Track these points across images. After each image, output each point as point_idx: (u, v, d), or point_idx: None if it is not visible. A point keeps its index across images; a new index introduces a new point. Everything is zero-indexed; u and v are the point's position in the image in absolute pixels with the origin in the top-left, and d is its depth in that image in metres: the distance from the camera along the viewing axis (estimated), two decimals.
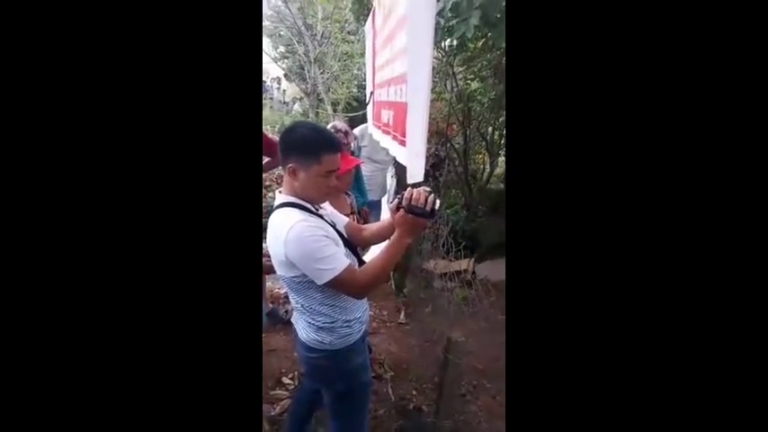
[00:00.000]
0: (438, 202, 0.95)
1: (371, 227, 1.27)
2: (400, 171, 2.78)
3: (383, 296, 2.60)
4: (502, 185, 3.89)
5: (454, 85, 3.54)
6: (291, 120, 6.17)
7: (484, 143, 3.86)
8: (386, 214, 3.05)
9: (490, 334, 2.15)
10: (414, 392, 1.91)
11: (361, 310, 1.11)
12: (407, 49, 1.11)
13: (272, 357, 2.05)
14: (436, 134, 3.97)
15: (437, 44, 3.29)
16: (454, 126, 3.90)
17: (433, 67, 3.64)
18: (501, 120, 3.72)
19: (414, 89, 1.04)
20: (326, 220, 1.04)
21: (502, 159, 3.99)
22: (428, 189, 0.95)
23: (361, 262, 1.08)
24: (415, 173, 1.10)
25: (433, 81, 3.76)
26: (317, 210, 1.06)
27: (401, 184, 2.75)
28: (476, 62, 3.40)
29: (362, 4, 3.82)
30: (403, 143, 1.27)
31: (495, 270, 3.00)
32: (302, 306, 1.04)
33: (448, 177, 3.53)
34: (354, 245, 1.13)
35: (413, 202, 0.93)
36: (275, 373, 1.96)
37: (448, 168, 3.50)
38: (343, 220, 1.19)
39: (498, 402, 1.86)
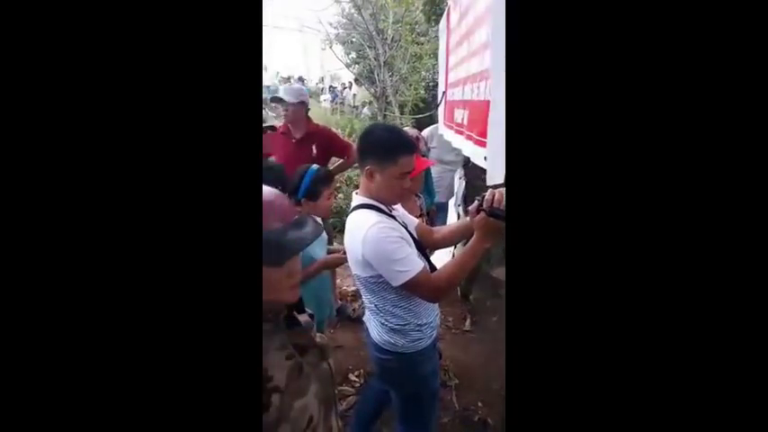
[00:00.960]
0: None
1: (442, 230, 1.26)
2: (469, 173, 2.70)
3: (449, 302, 2.55)
4: None
5: None
6: (361, 123, 6.33)
7: None
8: (452, 216, 2.98)
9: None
10: (479, 404, 1.83)
11: (432, 315, 1.09)
12: (490, 44, 1.07)
13: (339, 354, 2.11)
14: None
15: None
16: None
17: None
18: None
19: (497, 85, 1.00)
20: (399, 222, 1.05)
21: None
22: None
23: (431, 265, 1.07)
24: (495, 174, 1.05)
25: None
26: (391, 211, 1.07)
27: (472, 185, 2.67)
28: None
29: (434, 5, 3.80)
30: (480, 143, 1.23)
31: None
32: (376, 306, 1.05)
33: None
34: (424, 247, 1.12)
35: (495, 204, 0.90)
36: (342, 370, 2.01)
37: None
38: (413, 222, 1.19)
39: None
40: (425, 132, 2.71)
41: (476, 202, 0.96)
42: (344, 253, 1.08)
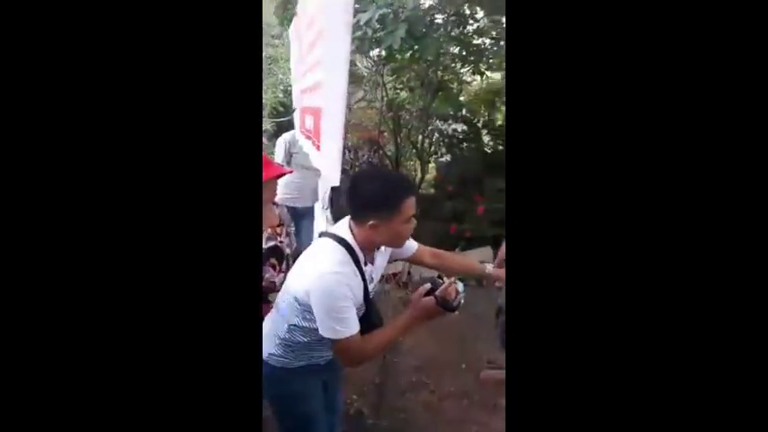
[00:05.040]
0: (463, 299, 0.96)
1: (444, 255, 1.28)
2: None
3: None
4: (432, 191, 4.06)
5: (384, 94, 3.65)
6: None
7: (414, 150, 4.02)
8: (321, 220, 3.02)
9: (425, 331, 2.22)
10: (354, 396, 1.91)
11: (327, 355, 1.06)
12: (323, 58, 1.14)
13: None
14: (368, 141, 4.05)
15: (365, 53, 3.37)
16: (385, 134, 4.00)
17: (363, 76, 3.73)
18: (430, 128, 3.90)
19: (328, 96, 1.07)
20: (366, 276, 0.99)
21: (432, 166, 4.19)
22: (461, 286, 0.96)
23: (375, 320, 1.03)
24: (331, 177, 1.12)
25: (363, 90, 3.84)
26: (366, 264, 1.00)
27: (336, 190, 2.75)
28: (404, 73, 3.54)
29: (286, 9, 3.79)
30: (319, 147, 1.29)
31: (428, 271, 3.12)
32: (288, 325, 1.01)
33: None
34: (372, 306, 1.04)
35: (447, 296, 0.94)
36: None
37: None
38: (402, 255, 1.17)
39: (436, 396, 1.93)
40: (287, 136, 2.68)
41: (428, 284, 0.96)
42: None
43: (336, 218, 1.30)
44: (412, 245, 1.19)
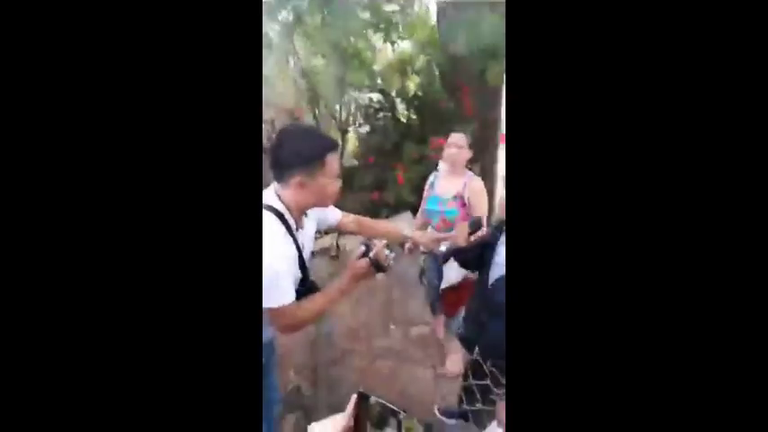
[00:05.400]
0: (392, 260, 1.03)
1: (367, 221, 1.30)
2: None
3: None
4: (355, 161, 4.07)
5: (296, 60, 3.47)
6: None
7: (333, 121, 3.94)
8: None
9: (353, 300, 2.30)
10: (291, 374, 1.93)
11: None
12: None
13: None
14: (285, 112, 3.86)
15: (274, 17, 3.14)
16: (302, 105, 3.85)
17: (272, 42, 3.49)
18: (346, 98, 3.84)
19: None
20: (297, 242, 0.98)
21: (351, 135, 4.16)
22: (390, 250, 1.02)
23: (311, 287, 1.04)
24: None
25: (273, 56, 3.60)
26: (298, 227, 0.99)
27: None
28: (315, 39, 3.39)
29: None
30: None
31: (355, 244, 3.19)
32: None
33: None
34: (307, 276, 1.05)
35: (379, 257, 0.99)
36: None
37: None
38: (330, 222, 1.16)
39: (367, 361, 2.05)
40: None
41: (362, 247, 1.01)
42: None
43: None
44: (336, 213, 1.24)
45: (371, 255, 1.00)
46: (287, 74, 3.64)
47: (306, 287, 1.03)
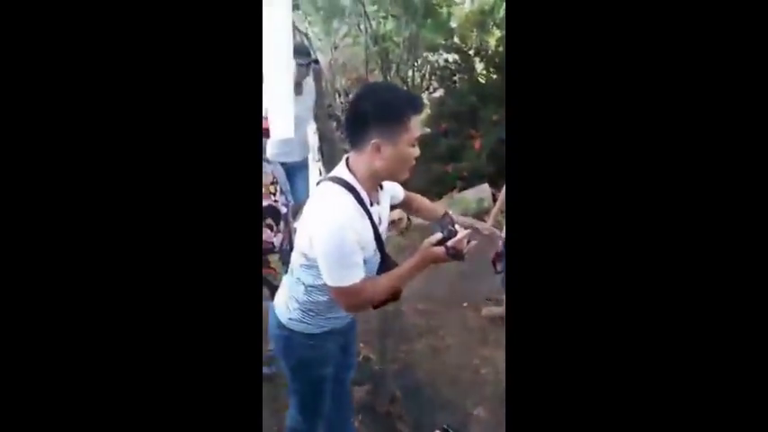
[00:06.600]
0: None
1: (425, 203, 1.20)
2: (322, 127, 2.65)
3: None
4: (427, 129, 3.91)
5: (368, 26, 3.35)
6: None
7: (405, 87, 3.79)
8: (314, 172, 2.95)
9: (424, 277, 2.26)
10: (361, 345, 2.00)
11: (345, 318, 1.04)
12: None
13: None
14: (356, 81, 3.82)
15: None
16: (375, 72, 3.75)
17: (344, 8, 3.41)
18: (420, 61, 3.64)
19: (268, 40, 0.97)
20: (374, 220, 0.93)
21: (424, 102, 3.98)
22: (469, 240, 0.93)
23: (389, 264, 1.00)
24: (281, 129, 1.05)
25: (345, 23, 3.53)
26: (372, 204, 0.94)
27: (326, 138, 2.64)
28: (385, 1, 3.22)
29: None
30: None
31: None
32: (305, 287, 0.98)
33: None
34: (383, 247, 1.01)
35: (457, 246, 0.90)
36: None
37: None
38: (398, 198, 1.11)
39: (441, 337, 2.02)
40: None
41: (439, 234, 0.92)
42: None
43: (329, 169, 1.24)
44: (400, 191, 1.14)
45: (450, 243, 0.91)
46: (358, 41, 3.55)
47: (386, 265, 0.98)
